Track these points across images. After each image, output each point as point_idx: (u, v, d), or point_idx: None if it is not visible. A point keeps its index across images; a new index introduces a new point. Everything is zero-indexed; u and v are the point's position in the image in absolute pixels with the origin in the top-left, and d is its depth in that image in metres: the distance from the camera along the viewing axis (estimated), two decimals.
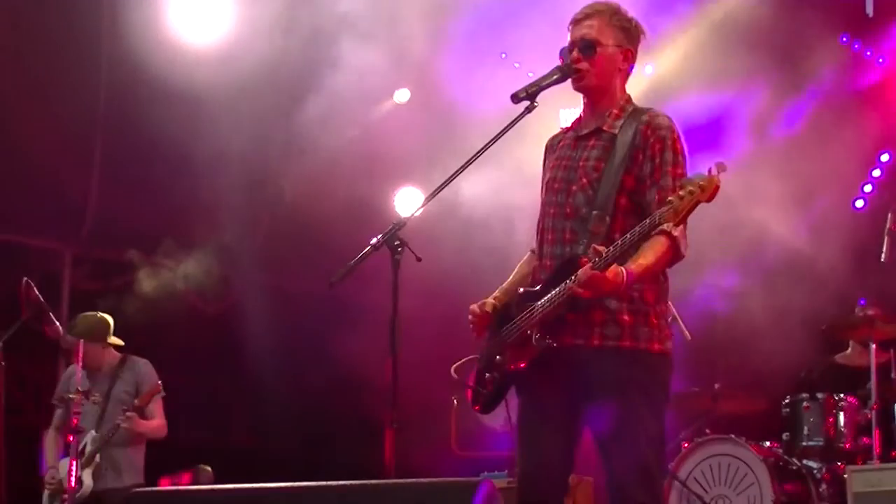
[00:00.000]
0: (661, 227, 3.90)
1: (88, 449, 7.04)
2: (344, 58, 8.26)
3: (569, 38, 4.37)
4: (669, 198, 3.85)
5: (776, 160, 8.20)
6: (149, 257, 8.94)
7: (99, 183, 8.71)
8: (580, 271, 3.95)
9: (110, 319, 7.40)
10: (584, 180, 4.23)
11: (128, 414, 7.00)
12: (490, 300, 4.44)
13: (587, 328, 4.14)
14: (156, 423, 7.27)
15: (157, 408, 7.28)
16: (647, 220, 3.90)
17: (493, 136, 4.41)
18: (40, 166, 8.29)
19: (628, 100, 4.38)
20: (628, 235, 3.94)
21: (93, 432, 7.11)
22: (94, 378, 7.28)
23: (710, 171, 3.79)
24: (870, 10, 8.49)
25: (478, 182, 7.64)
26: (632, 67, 4.41)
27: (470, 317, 4.44)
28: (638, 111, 4.31)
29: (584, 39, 4.30)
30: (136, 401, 7.10)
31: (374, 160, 9.05)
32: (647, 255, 4.02)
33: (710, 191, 3.77)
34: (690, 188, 3.78)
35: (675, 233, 4.01)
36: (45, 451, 7.44)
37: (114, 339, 7.39)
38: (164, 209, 8.74)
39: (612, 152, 4.22)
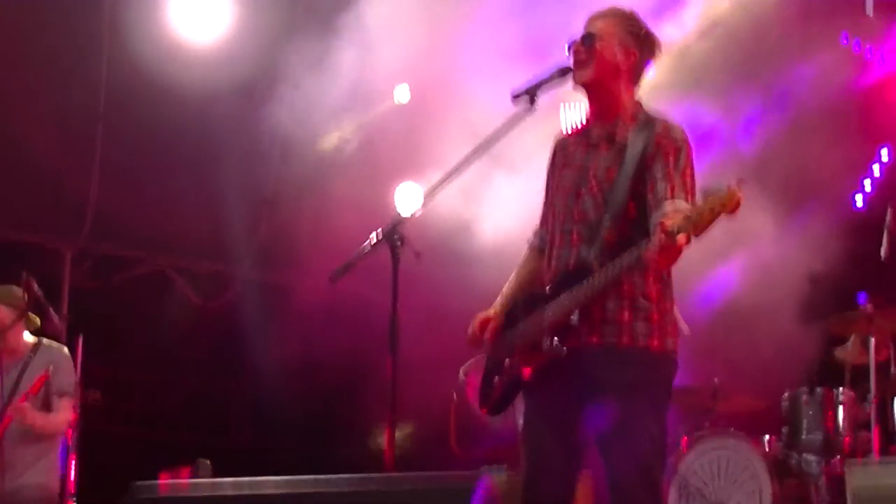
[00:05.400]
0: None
1: None
2: (344, 57, 8.27)
3: None
4: (686, 212, 3.79)
5: (777, 158, 8.21)
6: (148, 256, 8.95)
7: (99, 183, 8.71)
8: (656, 240, 3.78)
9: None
10: (594, 186, 4.23)
11: (20, 405, 6.08)
12: (496, 316, 4.40)
13: (587, 328, 4.13)
14: (57, 417, 6.27)
15: (64, 401, 6.30)
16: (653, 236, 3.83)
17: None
18: (41, 165, 8.31)
19: (639, 107, 4.37)
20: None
21: None
22: (8, 362, 6.33)
23: (729, 186, 3.77)
24: (870, 10, 8.50)
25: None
26: (639, 73, 4.41)
27: (471, 328, 4.41)
28: (651, 120, 4.28)
29: (588, 32, 4.34)
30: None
31: (375, 159, 9.06)
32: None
33: (731, 206, 3.71)
34: (711, 204, 3.73)
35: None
36: None
37: (33, 318, 6.52)
38: (163, 209, 8.75)
39: (624, 159, 4.20)
